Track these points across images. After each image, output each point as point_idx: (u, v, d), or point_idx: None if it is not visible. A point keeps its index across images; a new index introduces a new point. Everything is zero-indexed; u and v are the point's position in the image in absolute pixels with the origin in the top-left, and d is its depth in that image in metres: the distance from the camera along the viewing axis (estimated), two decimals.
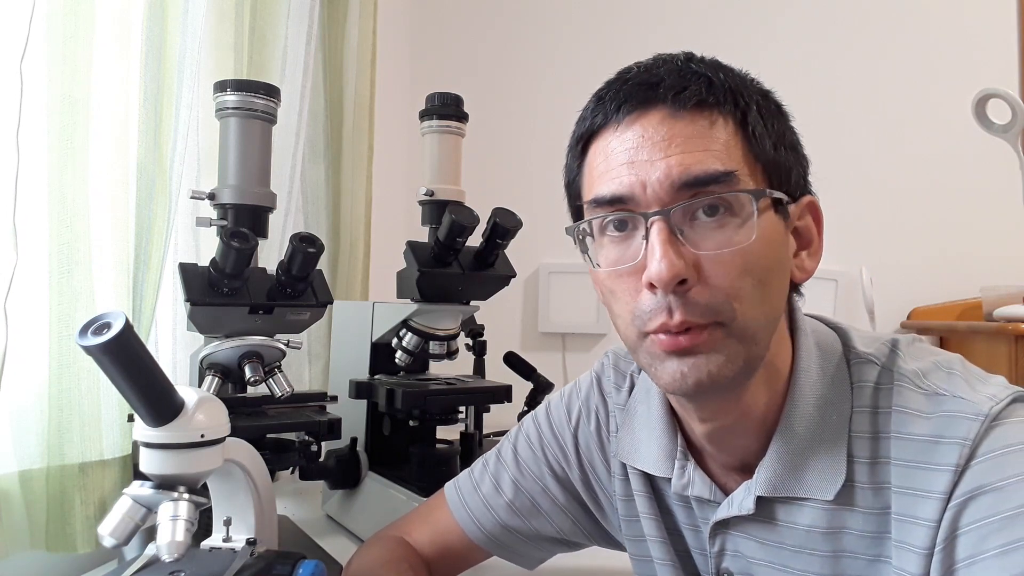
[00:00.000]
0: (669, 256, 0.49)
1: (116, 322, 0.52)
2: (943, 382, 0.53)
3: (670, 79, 0.53)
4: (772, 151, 0.53)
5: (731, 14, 2.01)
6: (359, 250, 1.58)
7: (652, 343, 0.52)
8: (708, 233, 0.51)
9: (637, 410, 0.67)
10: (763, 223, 0.51)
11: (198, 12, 1.06)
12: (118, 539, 0.58)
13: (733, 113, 0.52)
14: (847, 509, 0.53)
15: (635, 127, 0.53)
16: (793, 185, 0.55)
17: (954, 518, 0.48)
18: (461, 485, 0.77)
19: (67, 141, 0.83)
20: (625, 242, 0.54)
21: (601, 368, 0.74)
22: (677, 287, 0.50)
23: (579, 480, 0.72)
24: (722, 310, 0.50)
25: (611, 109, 0.54)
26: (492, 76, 2.11)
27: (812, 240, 0.58)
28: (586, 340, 2.03)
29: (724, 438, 0.58)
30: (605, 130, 0.55)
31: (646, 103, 0.53)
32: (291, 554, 0.68)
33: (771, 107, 0.56)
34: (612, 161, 0.54)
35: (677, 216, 0.51)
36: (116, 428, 0.89)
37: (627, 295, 0.53)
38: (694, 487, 0.60)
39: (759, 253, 0.51)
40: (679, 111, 0.52)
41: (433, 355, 1.07)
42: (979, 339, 1.67)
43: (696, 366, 0.51)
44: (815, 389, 0.56)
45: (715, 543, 0.60)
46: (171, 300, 1.06)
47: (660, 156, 0.51)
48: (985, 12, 1.91)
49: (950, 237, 1.90)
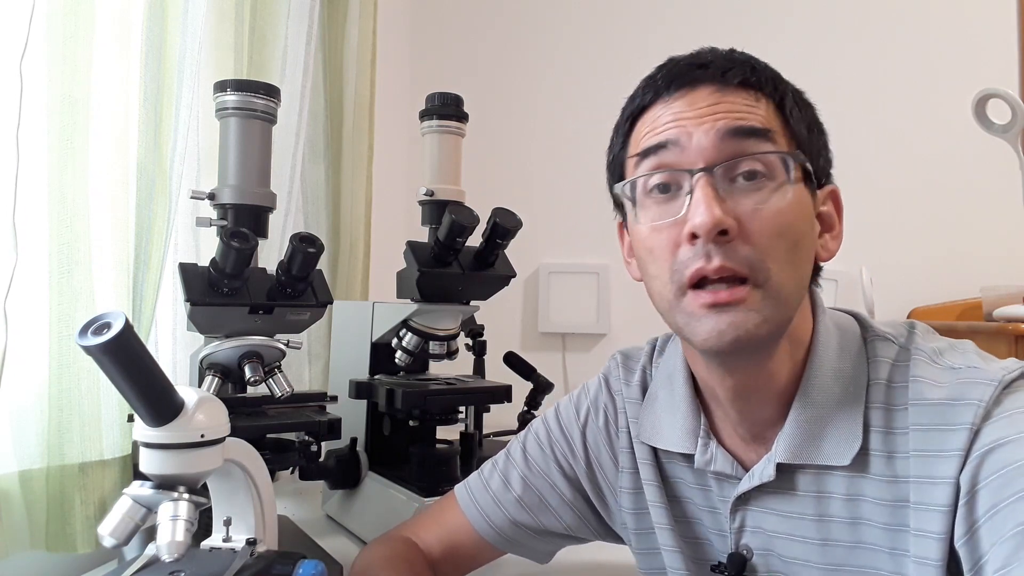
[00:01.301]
0: (712, 206, 0.52)
1: (116, 322, 0.52)
2: (958, 358, 0.56)
3: (718, 61, 0.58)
4: (806, 131, 0.58)
5: (731, 14, 2.01)
6: (359, 250, 1.58)
7: (690, 301, 0.55)
8: (748, 194, 0.54)
9: (658, 394, 0.70)
10: (796, 191, 0.55)
11: (198, 12, 1.06)
12: (118, 539, 0.58)
13: (773, 95, 0.57)
14: (863, 476, 0.56)
15: (684, 99, 0.57)
16: (820, 170, 0.60)
17: (973, 473, 0.49)
18: (471, 484, 0.79)
19: (67, 141, 0.83)
20: (668, 203, 0.57)
21: (608, 370, 0.77)
22: (718, 236, 0.53)
23: (585, 476, 0.74)
24: (758, 267, 0.53)
25: (661, 86, 0.58)
26: (492, 76, 2.11)
27: (834, 225, 0.62)
28: (586, 340, 2.03)
29: (748, 403, 0.60)
30: (655, 104, 0.59)
31: (696, 80, 0.57)
32: (291, 554, 0.68)
33: (802, 99, 0.61)
34: (659, 122, 0.58)
35: (719, 175, 0.54)
36: (116, 428, 0.89)
37: (666, 251, 0.56)
38: (716, 463, 0.63)
39: (793, 217, 0.55)
40: (725, 87, 0.56)
41: (433, 355, 1.07)
42: (979, 339, 1.65)
43: (734, 324, 0.53)
44: (833, 362, 0.59)
45: (735, 519, 0.62)
46: (171, 300, 1.06)
47: (707, 114, 0.56)
48: (985, 12, 1.91)
49: (950, 237, 1.90)
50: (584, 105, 2.05)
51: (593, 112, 2.11)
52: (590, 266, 2.01)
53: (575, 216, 2.03)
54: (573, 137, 2.04)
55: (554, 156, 2.07)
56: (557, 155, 2.06)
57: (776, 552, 0.60)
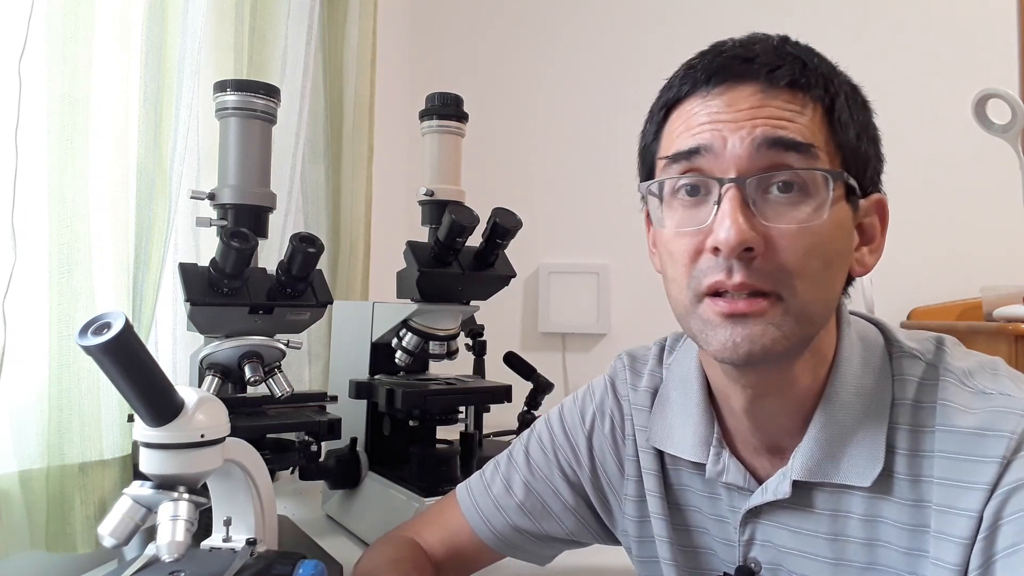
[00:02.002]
0: (739, 222, 0.49)
1: (116, 322, 0.53)
2: (990, 382, 0.53)
3: (765, 56, 0.53)
4: (855, 140, 0.54)
5: (732, 15, 2.01)
6: (359, 250, 1.58)
7: (707, 308, 0.52)
8: (781, 209, 0.51)
9: (671, 397, 0.67)
10: (835, 209, 0.52)
11: (198, 12, 1.06)
12: (118, 539, 0.58)
13: (822, 98, 0.53)
14: (884, 498, 0.54)
15: (724, 97, 0.53)
16: (867, 179, 0.56)
17: (998, 508, 0.48)
18: (472, 486, 0.77)
19: (67, 141, 0.83)
20: (695, 207, 0.53)
21: (614, 371, 0.74)
22: (742, 253, 0.50)
23: (589, 483, 0.72)
24: (784, 283, 0.50)
25: (701, 78, 0.54)
26: (492, 76, 2.11)
27: (875, 238, 0.59)
28: (586, 340, 2.03)
29: (763, 412, 0.58)
30: (692, 97, 0.55)
31: (739, 76, 0.53)
32: (291, 554, 0.68)
33: (858, 99, 0.56)
34: (693, 121, 0.53)
35: (752, 186, 0.51)
36: (116, 428, 0.89)
37: (687, 257, 0.53)
38: (728, 474, 0.60)
39: (828, 236, 0.51)
40: (771, 88, 0.52)
41: (433, 355, 1.07)
42: (979, 339, 1.66)
43: (750, 337, 0.51)
44: (856, 378, 0.56)
45: (745, 532, 0.61)
46: (171, 300, 1.06)
47: (745, 119, 0.51)
48: (985, 12, 1.91)
49: (950, 237, 1.90)
50: (584, 105, 2.05)
51: (593, 112, 2.12)
52: (590, 266, 2.01)
53: (575, 216, 2.02)
54: (573, 137, 2.04)
55: (554, 156, 2.07)
56: (557, 155, 2.06)
57: (786, 568, 0.59)
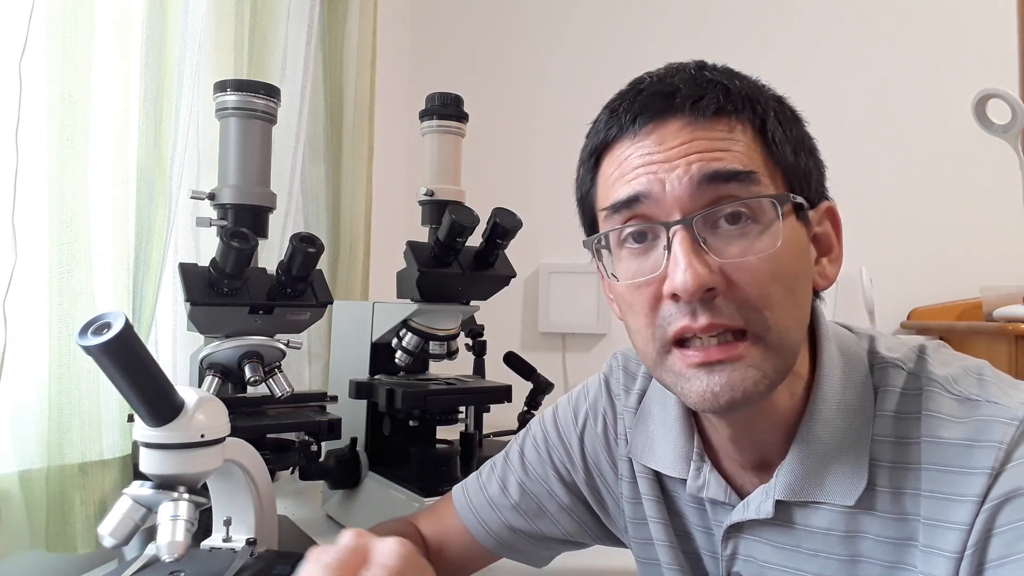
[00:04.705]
0: (694, 265, 0.48)
1: (116, 322, 0.53)
2: (975, 388, 0.52)
3: (686, 88, 0.51)
4: (792, 157, 0.53)
5: (732, 16, 2.01)
6: (359, 250, 1.58)
7: (676, 359, 0.51)
8: (733, 241, 0.49)
9: (652, 410, 0.66)
10: (788, 231, 0.50)
11: (198, 12, 1.06)
12: (118, 539, 0.58)
13: (752, 120, 0.51)
14: (866, 513, 0.53)
15: (652, 136, 0.51)
16: (812, 191, 0.54)
17: (988, 520, 0.47)
18: (468, 487, 0.77)
19: (67, 141, 0.83)
20: (645, 254, 0.52)
21: (610, 370, 0.73)
22: (704, 295, 0.48)
23: (584, 483, 0.72)
24: (754, 319, 0.49)
25: (626, 120, 0.53)
26: (492, 76, 2.11)
27: (832, 246, 0.57)
28: (586, 340, 2.03)
29: (746, 438, 0.57)
30: (621, 140, 0.53)
31: (663, 113, 0.51)
32: (291, 554, 0.68)
33: (787, 113, 0.55)
34: (627, 166, 0.52)
35: (699, 224, 0.49)
36: (116, 428, 0.89)
37: (647, 307, 0.52)
38: (709, 489, 0.59)
39: (786, 259, 0.50)
40: (697, 119, 0.50)
41: (433, 355, 1.07)
42: (979, 339, 1.66)
43: (730, 384, 0.49)
44: (837, 395, 0.55)
45: (727, 546, 0.60)
46: (171, 300, 1.06)
47: (678, 156, 0.50)
48: (985, 12, 1.91)
49: (950, 237, 1.90)
50: (584, 105, 2.04)
51: (594, 112, 2.11)
52: (590, 266, 2.00)
53: (575, 216, 2.01)
54: (573, 137, 2.02)
55: (554, 156, 2.06)
56: (557, 155, 2.05)
57: None
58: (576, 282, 2.01)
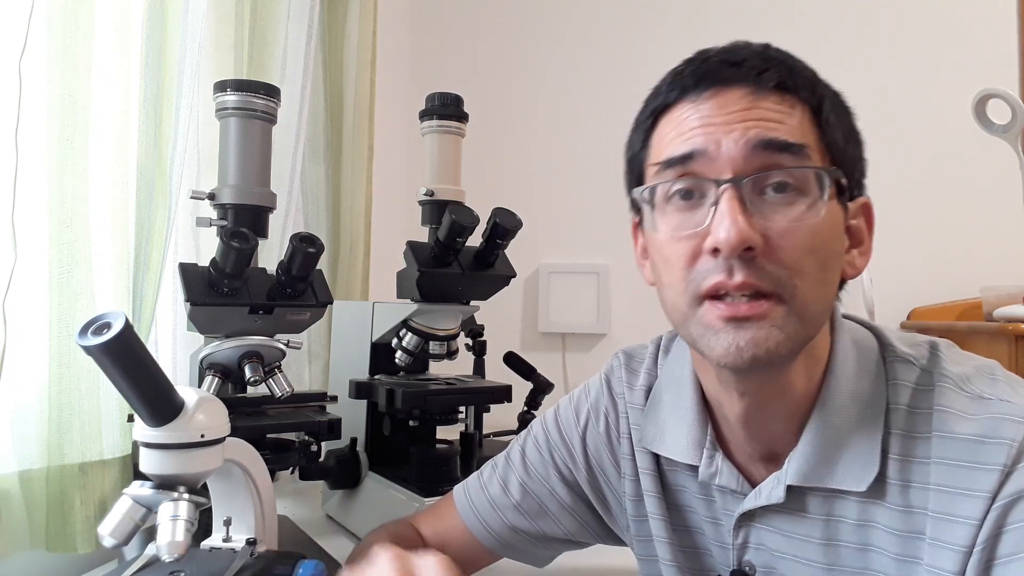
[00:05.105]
0: (739, 222, 0.49)
1: (116, 322, 0.53)
2: (987, 386, 0.53)
3: (752, 60, 0.53)
4: (842, 141, 0.55)
5: (732, 16, 2.01)
6: (359, 250, 1.58)
7: (707, 311, 0.52)
8: (777, 208, 0.51)
9: (663, 399, 0.67)
10: (829, 208, 0.52)
11: (198, 12, 1.06)
12: (118, 539, 0.58)
13: (809, 100, 0.53)
14: (877, 503, 0.54)
15: (714, 100, 0.53)
16: (855, 182, 0.56)
17: (999, 517, 0.48)
18: (469, 487, 0.77)
19: (67, 141, 0.83)
20: (690, 211, 0.53)
21: (611, 369, 0.74)
22: (743, 253, 0.49)
23: (587, 482, 0.72)
24: (784, 283, 0.50)
25: (690, 84, 0.54)
26: (492, 76, 2.11)
27: (863, 240, 0.58)
28: (586, 340, 2.03)
29: (759, 420, 0.58)
30: (681, 102, 0.55)
31: (727, 80, 0.53)
32: (291, 554, 0.68)
33: (842, 104, 0.57)
34: (685, 126, 0.54)
35: (747, 187, 0.51)
36: (116, 428, 0.89)
37: (684, 260, 0.53)
38: (721, 476, 0.60)
39: (824, 235, 0.52)
40: (760, 90, 0.52)
41: (433, 355, 1.07)
42: (979, 339, 1.66)
43: (754, 341, 0.50)
44: (851, 383, 0.56)
45: (739, 535, 0.60)
46: (171, 300, 1.06)
47: (737, 121, 0.51)
48: (985, 12, 1.91)
49: (950, 237, 1.90)
50: (584, 105, 2.05)
51: (594, 112, 2.12)
52: (590, 266, 2.01)
53: (575, 216, 2.02)
54: (573, 137, 2.04)
55: (554, 156, 2.07)
56: (557, 155, 2.06)
57: (779, 571, 0.59)
58: (576, 282, 2.01)
